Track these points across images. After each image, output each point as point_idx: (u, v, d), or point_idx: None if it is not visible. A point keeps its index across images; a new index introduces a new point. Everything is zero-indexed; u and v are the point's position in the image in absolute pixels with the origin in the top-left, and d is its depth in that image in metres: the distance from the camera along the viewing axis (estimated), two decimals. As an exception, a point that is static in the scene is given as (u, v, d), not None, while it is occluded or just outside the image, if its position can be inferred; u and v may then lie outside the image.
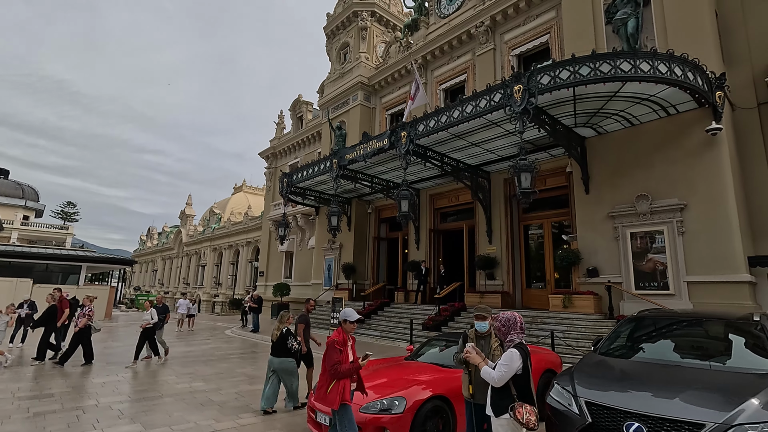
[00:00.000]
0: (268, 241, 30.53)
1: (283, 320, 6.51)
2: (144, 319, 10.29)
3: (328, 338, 4.17)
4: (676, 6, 11.10)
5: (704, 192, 10.00)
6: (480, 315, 3.99)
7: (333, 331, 4.20)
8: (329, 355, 3.94)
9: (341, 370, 3.84)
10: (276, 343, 6.35)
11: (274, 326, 6.45)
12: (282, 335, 6.33)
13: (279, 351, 6.31)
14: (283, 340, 6.31)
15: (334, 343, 3.97)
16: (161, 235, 68.77)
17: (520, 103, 9.68)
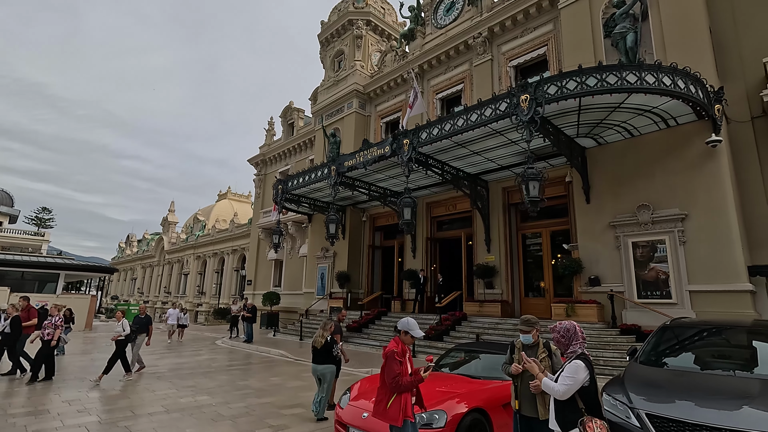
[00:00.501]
0: (256, 248, 29.97)
1: (326, 328, 6.55)
2: (115, 330, 9.41)
3: (384, 348, 3.95)
4: (673, 22, 11.41)
5: (705, 202, 10.20)
6: (523, 329, 3.85)
7: (390, 341, 4.00)
8: (389, 366, 3.72)
9: (403, 383, 3.64)
10: (320, 350, 6.37)
11: (317, 334, 6.49)
12: (327, 343, 6.39)
13: (323, 358, 6.37)
14: (328, 348, 6.40)
15: (393, 354, 3.76)
16: (141, 243, 66.96)
17: (527, 112, 9.74)
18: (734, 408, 3.07)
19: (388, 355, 3.76)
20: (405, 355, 3.79)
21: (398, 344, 3.86)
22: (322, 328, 6.56)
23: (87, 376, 9.19)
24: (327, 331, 6.54)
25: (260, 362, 11.79)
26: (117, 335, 9.31)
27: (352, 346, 14.26)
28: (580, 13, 13.32)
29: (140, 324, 10.29)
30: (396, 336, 3.99)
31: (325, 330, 6.53)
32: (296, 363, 11.71)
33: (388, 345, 3.92)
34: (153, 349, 14.45)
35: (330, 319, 6.98)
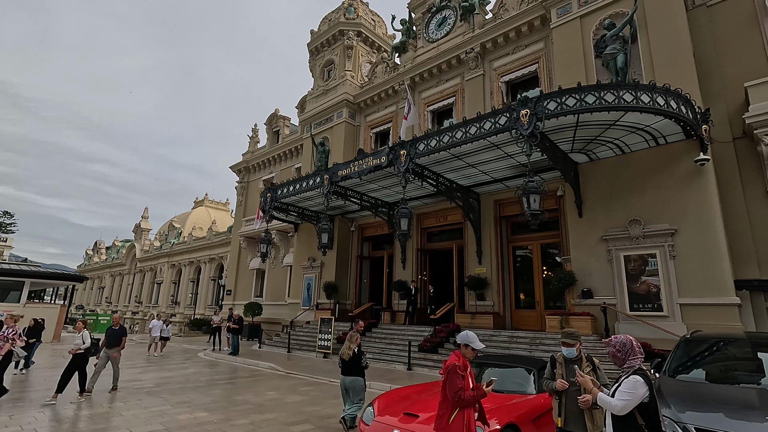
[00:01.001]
0: (237, 257, 29.25)
1: (353, 340, 6.56)
2: (75, 343, 8.65)
3: (444, 362, 3.84)
4: (661, 45, 11.93)
5: (693, 218, 10.59)
6: (567, 342, 3.83)
7: (451, 355, 3.90)
8: (451, 380, 3.61)
9: (466, 398, 3.54)
10: (348, 362, 6.40)
11: (345, 346, 6.51)
12: (354, 355, 6.42)
13: (352, 370, 6.38)
14: (357, 359, 6.41)
15: (455, 368, 3.66)
16: (111, 250, 64.40)
17: (528, 126, 9.91)
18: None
19: (450, 369, 3.67)
20: (466, 369, 3.71)
21: (459, 358, 3.77)
22: (349, 341, 6.55)
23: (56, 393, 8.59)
24: (354, 343, 6.54)
25: (251, 376, 11.39)
26: (75, 348, 8.56)
27: (344, 359, 14.00)
28: (571, 33, 13.76)
29: (114, 336, 9.31)
30: (456, 350, 3.90)
31: (352, 342, 6.53)
32: (289, 377, 11.37)
33: (448, 359, 3.82)
34: (133, 363, 13.81)
35: (356, 332, 6.90)
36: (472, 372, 3.86)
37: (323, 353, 14.58)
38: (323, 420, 6.90)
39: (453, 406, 3.57)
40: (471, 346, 3.80)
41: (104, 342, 9.18)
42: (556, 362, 3.89)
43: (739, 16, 12.32)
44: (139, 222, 53.85)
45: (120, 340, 9.40)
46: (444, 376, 3.71)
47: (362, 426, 4.72)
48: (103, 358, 9.10)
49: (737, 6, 12.40)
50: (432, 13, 19.70)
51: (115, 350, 9.28)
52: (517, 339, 12.00)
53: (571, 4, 13.99)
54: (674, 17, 11.89)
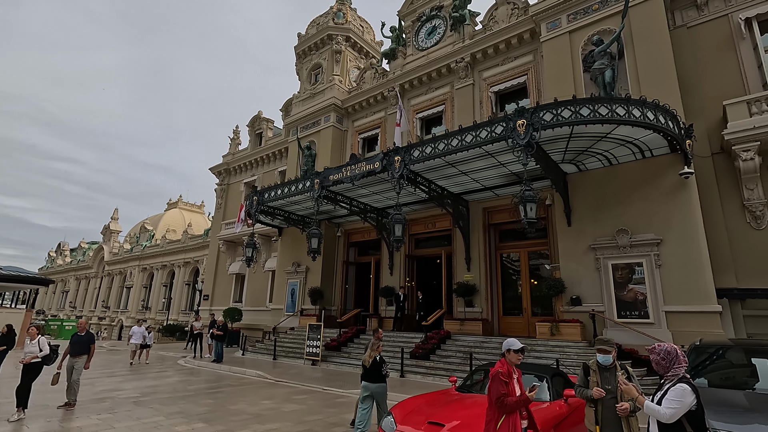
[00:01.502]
0: (215, 262, 28.49)
1: (374, 348, 6.69)
2: (27, 352, 7.69)
3: (491, 369, 3.82)
4: (646, 62, 12.45)
5: (678, 229, 11.03)
6: (604, 349, 3.88)
7: (496, 363, 3.88)
8: (495, 387, 3.61)
9: (509, 403, 3.52)
10: (369, 369, 6.54)
11: (366, 354, 6.67)
12: (376, 362, 6.54)
13: (374, 377, 6.51)
14: (378, 367, 6.54)
15: (498, 375, 3.66)
16: (76, 252, 61.61)
17: (524, 136, 10.12)
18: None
19: (494, 375, 3.68)
20: (511, 376, 3.70)
21: (504, 365, 3.77)
22: (370, 348, 6.66)
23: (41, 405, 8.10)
24: (375, 351, 6.63)
25: (240, 384, 11.05)
26: (30, 357, 7.57)
27: (333, 366, 13.80)
28: (560, 47, 14.18)
29: (80, 343, 8.37)
30: (502, 357, 3.88)
31: (372, 350, 6.63)
32: (279, 385, 11.10)
33: (495, 366, 3.81)
34: (112, 371, 13.20)
35: (377, 340, 6.98)
36: (520, 378, 3.86)
37: (312, 360, 14.33)
38: (329, 429, 6.75)
39: (499, 413, 3.56)
40: (512, 350, 3.81)
41: (67, 350, 8.24)
42: (589, 369, 3.95)
43: (718, 39, 12.99)
44: (108, 223, 51.78)
45: (87, 348, 8.36)
46: (489, 383, 3.70)
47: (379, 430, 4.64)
48: (69, 369, 8.08)
49: (716, 29, 13.07)
50: (422, 22, 19.92)
51: (81, 359, 8.24)
52: (509, 345, 12.10)
53: (560, 20, 14.44)
54: (658, 36, 12.43)
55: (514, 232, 15.74)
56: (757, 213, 11.44)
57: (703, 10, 13.35)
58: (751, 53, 12.38)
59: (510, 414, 3.55)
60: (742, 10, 12.63)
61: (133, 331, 15.16)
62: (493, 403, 3.62)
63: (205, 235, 34.85)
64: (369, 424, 6.18)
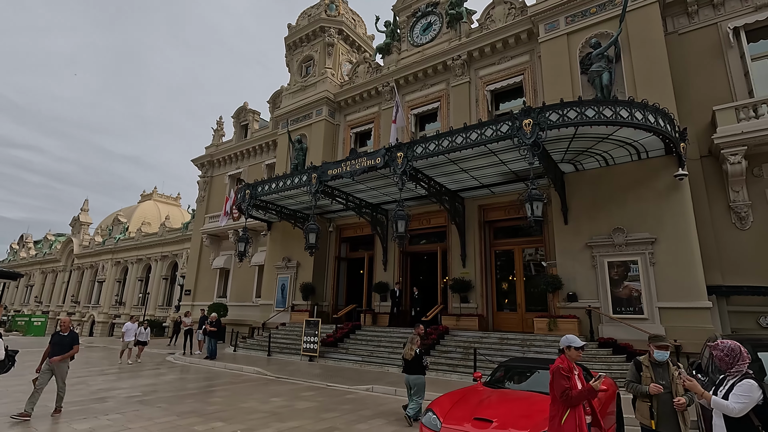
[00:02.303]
0: (198, 256, 27.76)
1: (414, 342, 7.15)
2: None
3: (551, 366, 3.87)
4: (642, 67, 12.84)
5: (671, 228, 11.48)
6: (664, 345, 4.00)
7: (556, 359, 3.93)
8: (557, 382, 3.67)
9: (573, 395, 3.59)
10: (410, 362, 6.97)
11: (407, 348, 7.14)
12: (417, 355, 6.97)
13: (414, 369, 6.97)
14: (418, 360, 6.95)
15: (559, 370, 3.71)
16: (41, 245, 58.78)
17: (530, 136, 10.29)
18: None
19: (555, 371, 3.73)
20: (572, 371, 3.76)
21: (564, 361, 3.83)
22: (411, 342, 7.16)
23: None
24: (415, 345, 7.10)
25: (241, 382, 10.84)
26: None
27: (331, 362, 13.72)
28: (558, 49, 14.45)
29: (62, 345, 7.46)
30: (561, 354, 3.94)
31: (413, 344, 7.10)
32: (281, 381, 10.95)
33: (555, 362, 3.87)
34: (101, 369, 12.72)
35: (416, 335, 7.43)
36: (581, 373, 3.93)
37: (309, 356, 14.20)
38: (351, 425, 6.72)
39: (564, 407, 3.63)
40: (573, 347, 3.89)
41: (47, 352, 7.38)
42: (641, 365, 4.06)
43: (707, 46, 13.52)
44: (77, 215, 49.57)
45: (69, 349, 7.55)
46: (551, 379, 3.76)
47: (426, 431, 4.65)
48: (46, 373, 7.25)
49: (705, 36, 13.60)
50: (417, 18, 19.88)
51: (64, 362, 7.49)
52: (508, 341, 12.37)
53: (558, 21, 14.69)
54: (654, 42, 12.84)
55: (509, 229, 16.05)
56: (742, 214, 12.03)
57: (694, 17, 13.86)
58: (738, 61, 12.95)
59: (574, 408, 3.63)
60: (730, 19, 13.18)
61: (127, 327, 14.53)
62: (557, 398, 3.69)
63: (184, 228, 33.91)
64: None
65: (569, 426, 3.58)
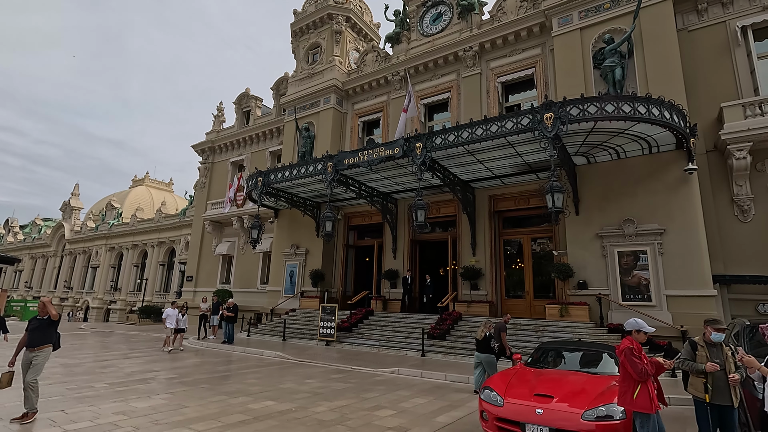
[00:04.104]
0: (199, 242, 27.74)
1: (486, 326, 8.16)
2: None
3: (617, 347, 4.25)
4: (655, 63, 13.23)
5: (680, 220, 12.02)
6: (721, 328, 4.41)
7: (623, 340, 4.32)
8: (631, 361, 4.06)
9: (649, 371, 4.02)
10: (481, 342, 8.00)
11: (479, 330, 8.19)
12: (486, 337, 7.96)
13: (484, 348, 7.97)
14: (487, 341, 7.93)
15: (630, 351, 4.10)
16: (29, 229, 57.68)
17: (551, 129, 10.64)
18: None
19: (625, 351, 4.12)
20: (641, 351, 4.14)
21: (632, 342, 4.20)
22: (483, 326, 8.16)
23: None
24: (486, 328, 8.07)
25: (267, 365, 11.13)
26: None
27: (348, 346, 14.11)
28: (571, 43, 14.74)
29: (40, 331, 6.16)
30: (628, 336, 4.32)
31: (485, 327, 8.09)
32: (305, 365, 11.28)
33: (621, 343, 4.25)
34: (124, 353, 12.86)
35: (488, 321, 8.40)
36: (644, 353, 4.31)
37: (326, 341, 14.55)
38: (396, 404, 7.09)
39: (635, 383, 4.02)
40: (643, 331, 4.27)
41: (24, 340, 6.17)
42: (696, 345, 4.48)
43: (715, 43, 13.95)
44: (68, 199, 48.74)
45: (50, 336, 6.25)
46: (622, 358, 4.15)
47: (490, 407, 5.01)
48: (24, 366, 6.03)
49: (714, 34, 14.02)
50: (427, 8, 19.93)
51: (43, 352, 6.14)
52: (521, 326, 12.88)
53: (572, 16, 14.96)
54: (667, 39, 13.21)
55: (518, 219, 16.51)
56: (745, 207, 12.63)
57: (703, 15, 14.26)
58: (745, 59, 13.42)
59: (645, 383, 4.03)
60: (739, 18, 13.61)
61: (168, 313, 13.93)
62: (628, 375, 4.09)
63: (182, 214, 33.74)
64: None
65: (642, 399, 3.99)
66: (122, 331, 21.34)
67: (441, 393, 8.07)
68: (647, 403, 3.98)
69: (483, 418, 5.13)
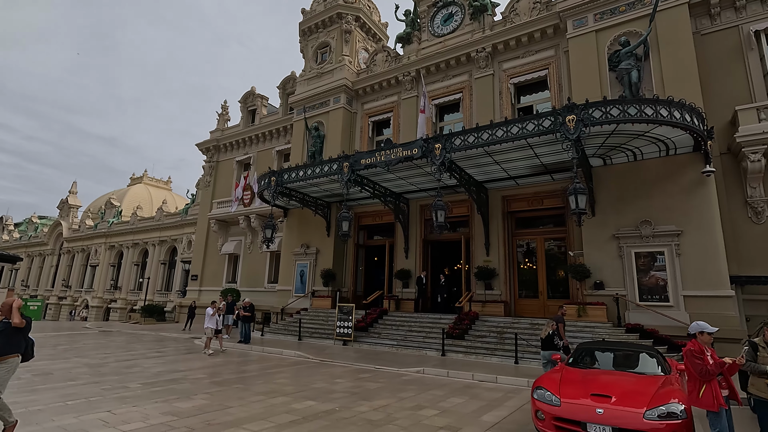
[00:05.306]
0: (204, 241, 27.62)
1: (549, 325, 8.45)
2: None
3: (683, 349, 4.34)
4: (671, 66, 13.39)
5: (697, 221, 12.19)
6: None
7: (687, 343, 4.40)
8: (692, 362, 4.19)
9: (710, 370, 4.13)
10: (545, 340, 8.36)
11: (543, 330, 8.53)
12: (549, 335, 8.32)
13: (548, 346, 8.30)
14: (551, 339, 8.29)
15: (692, 353, 4.21)
16: (25, 227, 57.02)
17: (574, 132, 10.75)
18: None
19: (687, 353, 4.22)
20: (704, 353, 4.23)
21: (695, 344, 4.30)
22: (547, 326, 8.52)
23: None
24: (550, 327, 8.41)
25: (290, 365, 11.13)
26: None
27: (366, 346, 14.15)
28: (587, 45, 14.87)
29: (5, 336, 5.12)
30: (693, 339, 4.41)
31: (548, 327, 8.45)
32: (327, 364, 11.29)
33: (686, 346, 4.33)
34: (142, 353, 12.79)
35: (552, 320, 8.60)
36: (714, 354, 4.39)
37: (343, 341, 14.58)
38: (436, 404, 7.15)
39: (701, 382, 4.12)
40: (706, 332, 4.37)
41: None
42: (758, 346, 4.59)
43: (728, 47, 14.14)
44: (66, 197, 48.27)
45: (17, 344, 5.21)
46: (685, 360, 4.25)
47: (547, 407, 5.07)
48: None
49: (726, 38, 14.21)
50: (438, 8, 19.98)
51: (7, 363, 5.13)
52: (539, 326, 12.95)
53: (587, 18, 15.09)
54: (683, 42, 13.38)
55: (531, 220, 16.64)
56: (758, 209, 12.83)
57: (716, 19, 14.44)
58: (758, 63, 13.61)
59: (710, 382, 4.14)
60: (752, 22, 13.81)
61: (208, 312, 13.35)
62: (694, 375, 4.19)
63: (184, 212, 33.57)
64: None
65: (707, 398, 4.09)
66: (129, 330, 21.20)
67: (474, 392, 8.14)
68: (711, 401, 4.09)
69: (538, 418, 5.20)
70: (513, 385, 9.01)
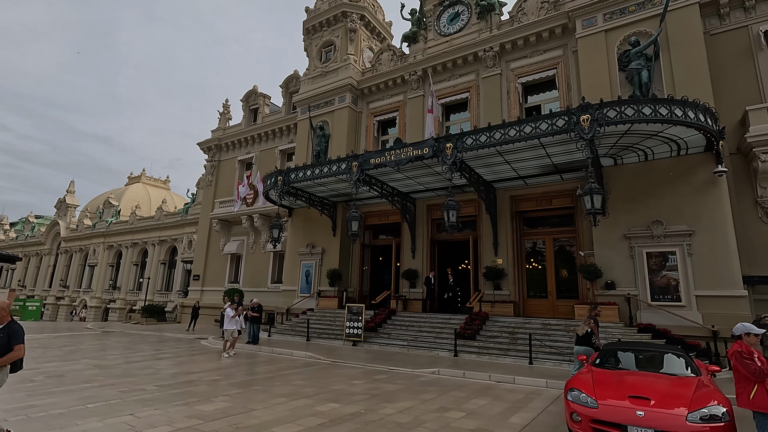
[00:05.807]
0: (206, 241, 27.42)
1: (587, 323, 8.65)
2: None
3: (728, 351, 4.28)
4: (681, 66, 13.39)
5: (708, 221, 12.19)
6: None
7: (733, 345, 4.35)
8: (743, 364, 4.15)
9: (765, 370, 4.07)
10: (582, 337, 8.48)
11: (581, 327, 8.66)
12: (587, 334, 8.47)
13: (584, 342, 8.38)
14: (588, 337, 8.43)
15: (741, 354, 4.16)
16: (21, 226, 56.47)
17: (588, 131, 10.71)
18: None
19: (735, 354, 4.17)
20: (752, 354, 4.19)
21: (741, 345, 4.25)
22: (584, 324, 8.66)
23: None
24: (587, 326, 8.51)
25: (302, 366, 11.02)
26: None
27: (376, 346, 14.06)
28: (596, 45, 14.85)
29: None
30: (738, 340, 4.36)
31: (586, 325, 8.56)
32: (339, 365, 11.18)
33: (732, 347, 4.28)
34: (152, 354, 12.65)
35: (589, 318, 8.85)
36: (761, 355, 4.34)
37: (353, 341, 14.48)
38: (461, 405, 7.08)
39: (752, 384, 4.07)
40: (753, 333, 4.32)
41: None
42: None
43: (737, 47, 14.16)
44: (63, 197, 47.83)
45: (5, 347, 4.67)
46: (733, 362, 4.19)
47: (584, 409, 5.00)
48: None
49: (735, 38, 14.23)
50: (444, 7, 19.92)
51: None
52: (551, 326, 12.95)
53: (596, 18, 15.06)
54: (694, 42, 13.38)
55: (540, 219, 16.61)
56: (769, 209, 12.85)
57: (725, 19, 14.46)
58: (767, 63, 13.64)
59: (762, 383, 4.09)
60: (761, 22, 13.84)
61: (228, 313, 12.99)
62: (743, 377, 4.14)
63: (184, 212, 33.33)
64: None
65: (759, 399, 4.04)
66: (132, 331, 21.00)
67: (495, 394, 8.08)
68: (764, 402, 4.03)
69: (573, 420, 5.13)
70: (532, 386, 8.95)
